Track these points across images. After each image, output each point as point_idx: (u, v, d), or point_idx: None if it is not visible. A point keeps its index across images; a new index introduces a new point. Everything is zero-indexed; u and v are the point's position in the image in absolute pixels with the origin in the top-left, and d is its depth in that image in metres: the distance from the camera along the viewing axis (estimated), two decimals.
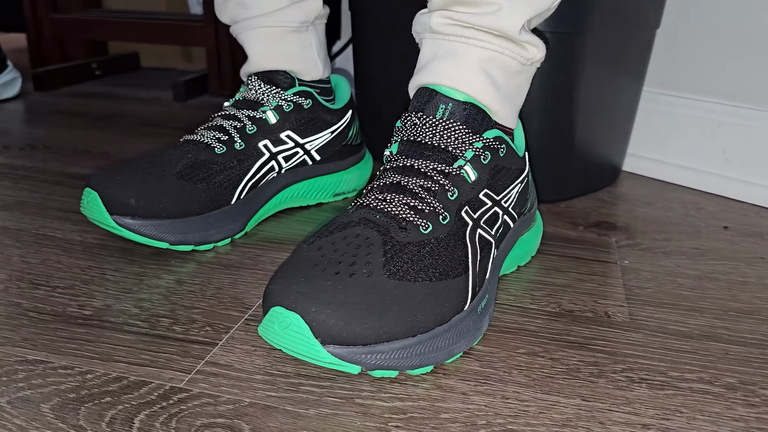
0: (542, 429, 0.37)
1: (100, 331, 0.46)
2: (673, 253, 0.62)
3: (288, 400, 0.39)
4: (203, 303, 0.50)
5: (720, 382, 0.42)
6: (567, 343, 0.46)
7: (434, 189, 0.47)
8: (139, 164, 0.58)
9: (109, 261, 0.56)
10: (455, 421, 0.38)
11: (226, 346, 0.44)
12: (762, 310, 0.52)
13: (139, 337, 0.45)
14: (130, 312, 0.48)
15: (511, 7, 0.47)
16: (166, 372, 0.41)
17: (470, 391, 0.40)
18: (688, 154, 0.79)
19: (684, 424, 0.38)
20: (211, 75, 1.23)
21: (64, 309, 0.48)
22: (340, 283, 0.40)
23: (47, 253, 0.57)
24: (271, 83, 0.64)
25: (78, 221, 0.63)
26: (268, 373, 0.42)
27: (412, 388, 0.41)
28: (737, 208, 0.74)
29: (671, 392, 0.41)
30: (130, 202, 0.55)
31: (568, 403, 0.40)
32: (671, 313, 0.51)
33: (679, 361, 0.44)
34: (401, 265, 0.42)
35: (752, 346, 0.47)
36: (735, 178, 0.76)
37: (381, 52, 0.79)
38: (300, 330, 0.38)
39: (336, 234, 0.45)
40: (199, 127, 0.63)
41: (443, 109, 0.49)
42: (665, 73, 0.80)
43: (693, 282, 0.56)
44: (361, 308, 0.39)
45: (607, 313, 0.50)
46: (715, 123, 0.77)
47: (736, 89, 0.75)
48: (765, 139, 0.73)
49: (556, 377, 0.42)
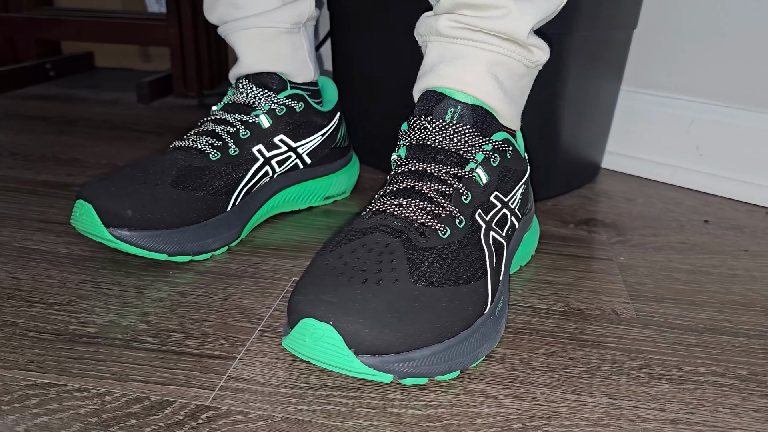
0: (576, 430, 0.38)
1: (109, 349, 0.44)
2: (663, 249, 0.63)
3: (321, 414, 0.38)
4: (212, 315, 0.48)
5: (733, 375, 0.44)
6: (582, 342, 0.47)
7: (449, 193, 0.47)
8: (131, 173, 0.56)
9: (104, 274, 0.53)
10: (491, 426, 0.38)
11: (245, 360, 0.43)
12: (756, 302, 0.54)
13: (151, 354, 0.43)
14: (136, 328, 0.46)
15: (520, 11, 0.47)
16: (188, 390, 0.40)
17: (499, 395, 0.41)
18: (663, 150, 0.82)
19: (708, 417, 0.39)
20: (176, 76, 1.19)
21: (65, 327, 0.46)
22: (369, 292, 0.39)
23: (35, 268, 0.54)
24: (263, 86, 0.62)
25: (62, 233, 0.61)
26: (295, 386, 0.41)
27: (442, 394, 0.41)
28: (713, 202, 0.77)
29: (690, 386, 0.42)
30: (126, 213, 0.52)
31: (596, 402, 0.40)
32: (674, 308, 0.52)
33: (690, 356, 0.46)
34: (425, 271, 0.42)
35: (755, 338, 0.48)
36: (709, 173, 0.79)
37: (363, 50, 0.79)
38: (333, 341, 0.38)
39: (355, 241, 0.44)
40: (189, 132, 0.61)
41: (452, 113, 0.49)
42: (641, 73, 0.82)
43: (687, 276, 0.58)
44: (393, 316, 0.39)
45: (614, 310, 0.51)
46: (689, 120, 0.79)
47: (709, 87, 0.78)
48: (736, 134, 0.76)
49: (579, 377, 0.43)
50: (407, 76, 0.76)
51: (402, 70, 0.76)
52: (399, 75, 0.76)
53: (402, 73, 0.76)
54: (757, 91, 0.75)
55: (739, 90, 0.76)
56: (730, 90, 0.77)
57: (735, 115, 0.76)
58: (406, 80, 0.76)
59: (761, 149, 0.75)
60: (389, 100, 0.79)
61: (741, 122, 0.76)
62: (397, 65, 0.77)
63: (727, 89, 0.77)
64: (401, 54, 0.76)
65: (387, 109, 0.79)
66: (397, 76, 0.76)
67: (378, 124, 0.80)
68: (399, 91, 0.77)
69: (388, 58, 0.77)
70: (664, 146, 0.82)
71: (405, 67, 0.76)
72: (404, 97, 0.77)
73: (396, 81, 0.77)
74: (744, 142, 0.76)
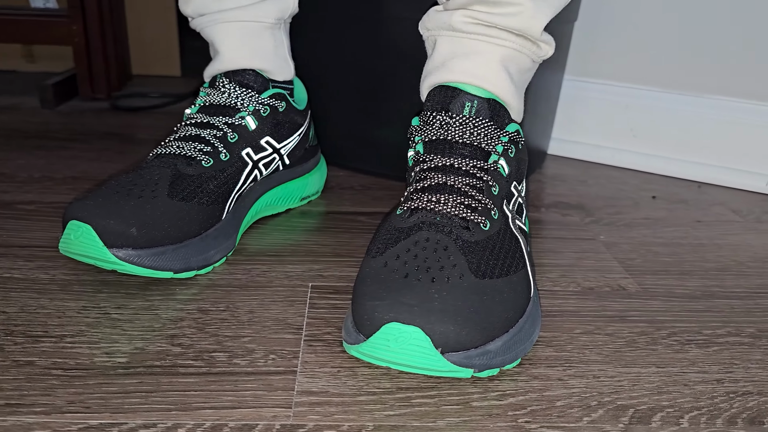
0: (645, 399, 0.40)
1: (154, 378, 0.40)
2: (632, 225, 0.68)
3: (409, 417, 0.38)
4: (247, 330, 0.46)
5: (745, 333, 0.49)
6: (609, 318, 0.50)
7: (480, 186, 0.47)
8: (121, 187, 0.51)
9: (103, 298, 0.49)
10: (571, 407, 0.39)
11: (306, 372, 0.41)
12: (731, 267, 0.60)
13: (203, 378, 0.40)
14: (171, 352, 0.43)
15: (535, 8, 0.48)
16: (263, 410, 0.38)
17: (563, 376, 0.42)
18: (602, 134, 0.88)
19: (744, 373, 0.44)
20: (81, 77, 1.10)
21: (91, 360, 0.41)
22: (443, 290, 0.39)
23: (19, 298, 0.48)
24: (245, 86, 0.59)
25: (29, 256, 0.54)
26: (370, 393, 0.40)
27: (512, 382, 0.42)
28: (652, 179, 0.84)
29: (716, 348, 0.46)
30: (131, 232, 0.48)
31: (648, 373, 0.43)
32: (668, 279, 0.57)
33: (703, 321, 0.50)
34: (482, 264, 0.43)
35: (746, 299, 0.54)
36: (644, 153, 0.86)
37: (315, 45, 0.77)
38: (420, 343, 0.37)
39: (405, 241, 0.44)
40: (168, 138, 0.57)
41: (470, 107, 0.50)
42: (581, 62, 0.87)
43: (664, 249, 0.63)
44: (470, 312, 0.39)
45: (620, 285, 0.55)
46: (624, 105, 0.86)
47: (643, 74, 0.84)
48: (667, 117, 0.84)
49: (622, 351, 0.46)
50: (363, 72, 0.76)
51: (358, 66, 0.75)
52: (355, 71, 0.76)
53: (358, 69, 0.76)
54: (685, 76, 0.82)
55: (668, 76, 0.83)
56: (660, 76, 0.84)
57: (665, 98, 0.84)
58: (364, 77, 0.75)
59: (689, 129, 0.83)
60: (347, 97, 0.78)
61: (670, 105, 0.83)
62: (353, 61, 0.76)
63: (658, 75, 0.84)
64: (357, 50, 0.75)
65: (346, 105, 0.78)
66: (353, 72, 0.75)
67: (337, 121, 0.79)
68: (358, 88, 0.77)
69: (343, 55, 0.76)
70: (603, 130, 0.88)
71: (361, 63, 0.75)
72: (363, 94, 0.76)
73: (354, 78, 0.76)
74: (673, 123, 0.84)
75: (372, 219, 0.67)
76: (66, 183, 0.72)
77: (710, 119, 0.82)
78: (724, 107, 0.81)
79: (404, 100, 0.74)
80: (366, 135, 0.78)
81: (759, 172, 0.80)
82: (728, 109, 0.81)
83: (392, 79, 0.74)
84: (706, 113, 0.82)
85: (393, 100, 0.75)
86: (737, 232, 0.68)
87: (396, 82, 0.74)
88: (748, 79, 0.79)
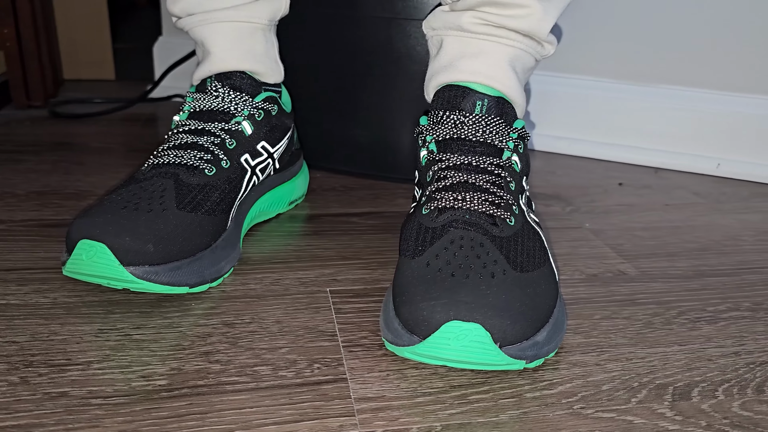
0: (679, 376, 0.43)
1: (204, 398, 0.39)
2: (610, 212, 0.72)
3: (471, 414, 0.38)
4: (281, 341, 0.45)
5: (743, 308, 0.52)
6: (621, 302, 0.52)
7: (499, 183, 0.48)
8: (126, 202, 0.48)
9: (117, 319, 0.46)
10: (618, 389, 0.41)
11: (356, 378, 0.41)
12: (710, 247, 0.64)
13: (254, 393, 0.39)
14: (212, 369, 0.41)
15: (543, 10, 0.50)
16: (328, 421, 0.37)
17: (600, 362, 0.44)
18: (560, 125, 0.91)
19: (755, 345, 0.47)
20: (15, 84, 1.02)
21: (129, 385, 0.39)
22: (492, 286, 0.40)
23: (25, 326, 0.45)
24: (238, 90, 0.58)
25: (20, 280, 0.51)
26: (425, 393, 0.40)
27: (556, 371, 0.43)
28: (612, 167, 0.88)
29: (723, 324, 0.50)
30: (147, 248, 0.46)
31: (674, 351, 0.46)
32: (660, 261, 0.60)
33: (703, 298, 0.54)
34: (517, 258, 0.44)
35: (732, 275, 0.58)
36: (600, 142, 0.90)
37: (296, 48, 0.76)
38: (481, 339, 0.38)
39: (440, 240, 0.44)
40: (162, 147, 0.55)
41: (481, 105, 0.51)
42: None
43: (646, 233, 0.67)
44: (519, 304, 0.40)
45: (620, 270, 0.58)
46: (581, 96, 0.90)
47: (599, 66, 0.88)
48: (621, 107, 0.88)
49: (643, 333, 0.48)
50: (337, 72, 0.75)
51: (332, 66, 0.75)
52: (328, 71, 0.75)
53: (332, 69, 0.75)
54: (640, 67, 0.87)
55: (624, 67, 0.88)
56: (616, 68, 0.88)
57: (621, 89, 0.88)
58: (339, 77, 0.75)
59: (644, 117, 0.88)
60: (322, 98, 0.77)
61: (626, 95, 0.88)
62: (327, 61, 0.75)
63: (614, 67, 0.88)
64: (330, 50, 0.74)
65: (320, 106, 0.77)
66: (327, 72, 0.75)
67: (312, 122, 0.78)
68: (333, 89, 0.76)
69: (316, 55, 0.75)
70: (560, 121, 0.91)
71: (335, 63, 0.75)
72: (338, 95, 0.76)
73: (328, 78, 0.76)
74: (629, 112, 0.88)
75: (365, 219, 0.67)
76: (31, 199, 0.67)
77: (663, 107, 0.87)
78: (676, 96, 0.86)
79: (379, 100, 0.75)
80: (342, 135, 0.78)
81: (710, 155, 0.86)
82: (680, 98, 0.86)
83: (367, 79, 0.74)
84: (659, 102, 0.87)
85: (368, 99, 0.75)
86: (704, 213, 0.73)
87: (371, 81, 0.74)
88: (698, 69, 0.85)
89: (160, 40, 1.16)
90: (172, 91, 1.11)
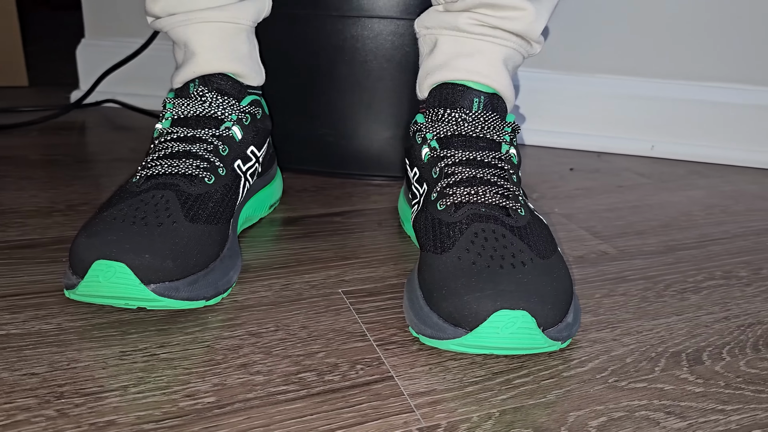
0: (687, 344, 0.47)
1: (260, 411, 0.38)
2: (573, 197, 0.76)
3: (521, 397, 0.40)
4: (314, 346, 0.45)
5: (717, 276, 0.58)
6: (613, 280, 0.56)
7: (504, 175, 0.51)
8: (130, 217, 0.46)
9: (136, 339, 0.44)
10: (640, 360, 0.44)
11: (402, 375, 0.42)
12: (671, 223, 0.69)
13: (309, 400, 0.39)
14: (256, 381, 0.41)
15: (537, 12, 0.52)
16: (392, 419, 0.38)
17: (616, 337, 0.47)
18: None
19: (738, 309, 0.52)
20: None
21: (177, 406, 0.38)
22: (527, 273, 0.42)
23: (39, 356, 0.42)
24: (224, 93, 0.56)
25: (12, 307, 0.47)
26: (472, 383, 0.41)
27: (580, 350, 0.46)
28: (558, 153, 0.93)
29: (706, 292, 0.55)
30: (166, 264, 0.44)
31: (675, 321, 0.50)
32: (632, 240, 0.65)
33: (683, 270, 0.58)
34: (537, 246, 0.46)
35: (698, 248, 0.63)
36: (544, 130, 0.95)
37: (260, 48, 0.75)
38: (528, 324, 0.40)
39: (465, 235, 0.46)
40: (150, 158, 0.52)
41: (478, 102, 0.53)
42: None
43: (612, 214, 0.71)
44: (553, 289, 0.42)
45: (601, 251, 0.62)
46: (529, 88, 0.94)
47: (545, 58, 0.93)
48: (563, 96, 0.93)
49: (643, 306, 0.52)
50: (301, 72, 0.74)
51: (296, 66, 0.74)
52: (292, 71, 0.74)
53: (295, 69, 0.74)
54: (576, 58, 0.92)
55: (563, 58, 0.92)
56: (561, 59, 0.93)
57: (560, 79, 0.93)
58: (302, 77, 0.74)
59: (584, 105, 0.93)
60: (286, 99, 0.76)
61: (566, 86, 0.93)
62: (290, 61, 0.75)
63: (559, 58, 0.93)
64: (293, 49, 0.74)
65: (285, 107, 0.76)
66: (291, 73, 0.74)
67: (278, 123, 0.77)
68: (297, 89, 0.75)
69: (279, 55, 0.74)
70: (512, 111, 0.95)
71: (298, 63, 0.74)
72: (303, 95, 0.75)
73: (292, 78, 0.75)
74: (570, 101, 0.93)
75: (348, 218, 0.67)
76: None
77: (602, 95, 0.93)
78: (612, 84, 0.92)
79: (344, 99, 0.75)
80: (308, 135, 0.77)
81: (645, 138, 0.93)
82: (615, 86, 0.92)
83: (331, 78, 0.74)
84: (598, 90, 0.93)
85: (333, 99, 0.75)
86: (653, 192, 0.79)
87: (335, 80, 0.74)
88: (632, 59, 0.91)
89: (84, 42, 1.09)
90: (101, 96, 1.06)
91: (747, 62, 0.88)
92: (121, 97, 1.06)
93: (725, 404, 0.40)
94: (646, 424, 0.38)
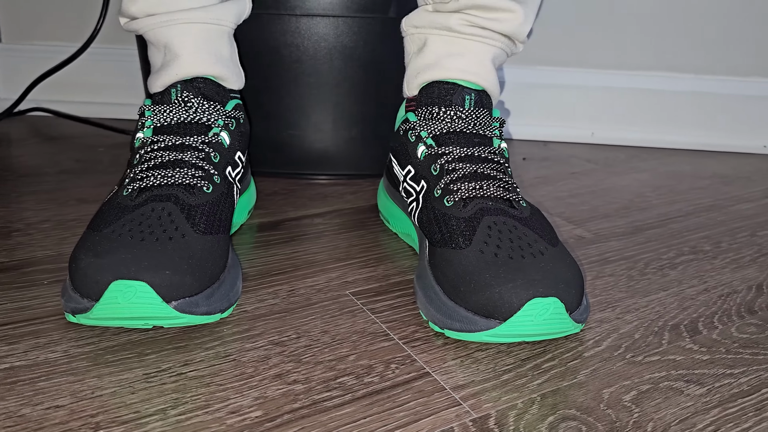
0: (681, 316, 0.50)
1: (312, 419, 0.38)
2: (534, 185, 0.79)
3: (555, 380, 0.42)
4: (342, 350, 0.44)
5: (686, 252, 0.62)
6: (598, 262, 0.59)
7: (501, 169, 0.52)
8: (136, 233, 0.44)
9: (156, 360, 0.42)
10: (647, 335, 0.48)
11: (437, 370, 0.43)
12: (631, 206, 0.74)
13: (356, 403, 0.39)
14: (296, 390, 0.40)
15: (525, 15, 0.54)
16: (444, 414, 0.38)
17: (619, 315, 0.50)
18: None
19: (714, 281, 0.57)
20: None
21: (225, 424, 0.37)
22: (549, 261, 0.44)
23: (56, 387, 0.39)
24: (209, 98, 0.54)
25: (7, 338, 0.44)
26: (505, 371, 0.43)
27: (590, 330, 0.48)
28: (510, 144, 0.96)
29: (682, 268, 0.59)
30: (186, 280, 0.42)
31: (664, 296, 0.53)
32: (602, 223, 0.68)
33: (656, 249, 0.62)
34: (544, 234, 0.48)
35: (661, 226, 0.68)
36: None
37: None
38: (558, 310, 0.42)
39: (480, 228, 0.47)
40: (136, 169, 0.50)
41: (469, 100, 0.54)
42: None
43: (575, 200, 0.75)
44: (569, 275, 0.44)
45: (578, 235, 0.65)
46: None
47: None
48: (512, 88, 0.97)
49: (632, 285, 0.55)
50: (259, 73, 0.73)
51: (254, 67, 0.72)
52: (250, 72, 0.73)
53: (254, 70, 0.73)
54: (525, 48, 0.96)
55: None
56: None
57: (513, 72, 0.96)
58: (260, 78, 0.73)
59: (529, 96, 0.97)
60: (248, 101, 0.74)
61: (516, 78, 0.97)
62: (247, 62, 0.73)
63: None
64: (250, 50, 0.72)
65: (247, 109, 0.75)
66: (249, 74, 0.72)
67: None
68: (256, 90, 0.74)
69: (245, 59, 0.72)
70: None
71: (256, 63, 0.72)
72: (262, 96, 0.74)
73: (250, 80, 0.73)
74: (515, 91, 0.97)
75: (329, 219, 0.67)
76: None
77: (543, 86, 0.97)
78: (553, 75, 0.97)
79: (309, 99, 0.74)
80: (272, 137, 0.76)
81: (584, 127, 0.98)
82: (557, 77, 0.97)
83: (294, 78, 0.73)
84: (539, 81, 0.97)
85: (295, 99, 0.74)
86: (605, 176, 0.84)
87: (294, 79, 0.73)
88: (572, 50, 0.96)
89: (0, 47, 1.01)
90: (25, 105, 0.99)
91: (675, 51, 0.94)
92: (47, 104, 0.99)
93: (732, 368, 0.44)
94: (672, 393, 0.41)
